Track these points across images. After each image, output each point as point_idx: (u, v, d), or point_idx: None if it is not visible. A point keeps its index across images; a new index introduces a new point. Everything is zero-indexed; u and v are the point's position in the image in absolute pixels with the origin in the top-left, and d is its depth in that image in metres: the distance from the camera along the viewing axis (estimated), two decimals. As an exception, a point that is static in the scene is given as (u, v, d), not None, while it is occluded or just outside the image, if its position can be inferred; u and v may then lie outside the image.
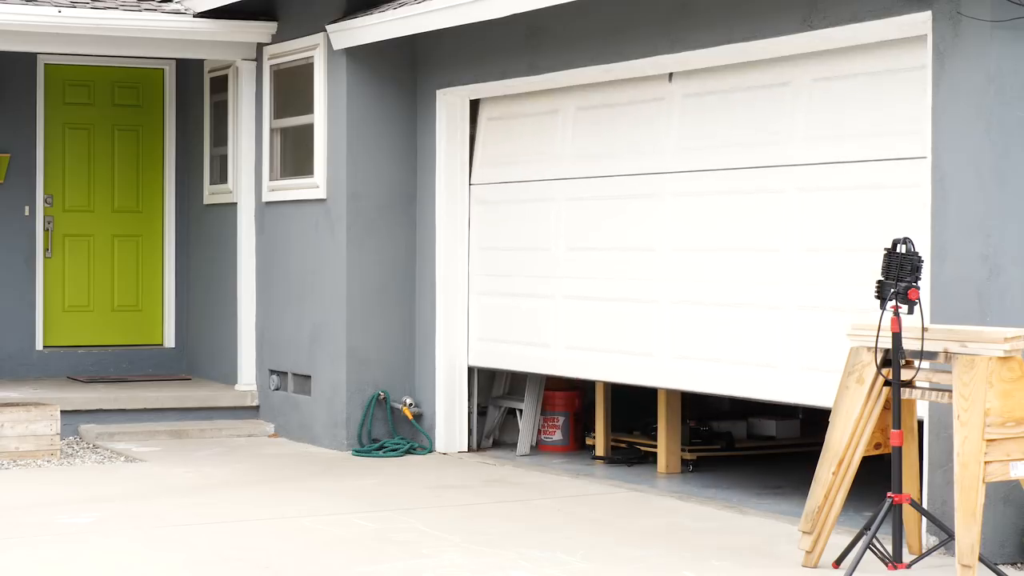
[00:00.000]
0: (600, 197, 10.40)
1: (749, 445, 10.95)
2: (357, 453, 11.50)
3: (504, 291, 11.32)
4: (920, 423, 7.75)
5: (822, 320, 8.72)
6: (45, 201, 13.91)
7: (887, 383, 7.31)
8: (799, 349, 8.89)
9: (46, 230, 13.93)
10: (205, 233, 13.83)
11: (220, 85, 13.35)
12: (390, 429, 11.72)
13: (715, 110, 9.52)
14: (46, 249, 13.93)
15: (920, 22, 7.87)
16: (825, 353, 8.62)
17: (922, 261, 7.15)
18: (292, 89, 12.35)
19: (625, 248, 10.20)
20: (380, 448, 11.48)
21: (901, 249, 7.13)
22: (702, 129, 9.62)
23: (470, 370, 11.67)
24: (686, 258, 9.70)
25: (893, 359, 7.18)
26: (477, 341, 11.58)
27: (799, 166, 8.90)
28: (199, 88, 13.82)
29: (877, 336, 7.23)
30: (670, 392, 10.48)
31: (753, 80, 9.25)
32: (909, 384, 7.29)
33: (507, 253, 11.29)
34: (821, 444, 7.62)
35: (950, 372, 7.05)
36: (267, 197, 12.67)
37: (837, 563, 7.40)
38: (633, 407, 11.38)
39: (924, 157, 7.91)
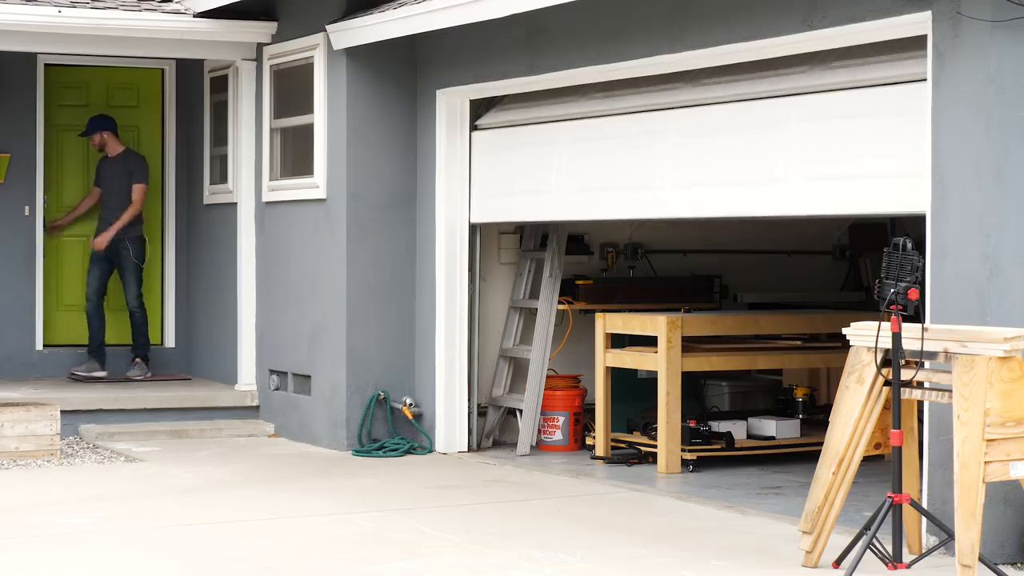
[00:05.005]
0: None
1: (749, 445, 10.94)
2: (357, 453, 11.50)
3: (507, 143, 11.30)
4: (920, 422, 7.76)
5: (823, 129, 8.72)
6: (45, 201, 13.90)
7: (887, 383, 7.31)
8: (801, 161, 8.89)
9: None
10: (205, 233, 13.82)
11: (220, 85, 13.35)
12: (390, 429, 11.72)
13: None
14: (46, 249, 13.92)
15: (920, 22, 7.87)
16: (828, 161, 8.66)
17: (922, 260, 7.15)
18: (292, 89, 12.35)
19: (629, 88, 10.18)
20: (380, 448, 11.48)
21: (901, 249, 7.13)
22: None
23: (472, 228, 11.62)
24: (689, 89, 9.67)
25: (893, 359, 7.18)
26: (478, 197, 11.56)
27: None
28: (199, 88, 13.81)
29: (877, 336, 7.23)
30: (670, 393, 10.49)
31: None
32: (909, 384, 7.30)
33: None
34: (821, 444, 7.62)
35: (950, 372, 7.05)
36: (267, 197, 12.67)
37: (837, 563, 7.40)
38: (633, 407, 11.38)
39: None
